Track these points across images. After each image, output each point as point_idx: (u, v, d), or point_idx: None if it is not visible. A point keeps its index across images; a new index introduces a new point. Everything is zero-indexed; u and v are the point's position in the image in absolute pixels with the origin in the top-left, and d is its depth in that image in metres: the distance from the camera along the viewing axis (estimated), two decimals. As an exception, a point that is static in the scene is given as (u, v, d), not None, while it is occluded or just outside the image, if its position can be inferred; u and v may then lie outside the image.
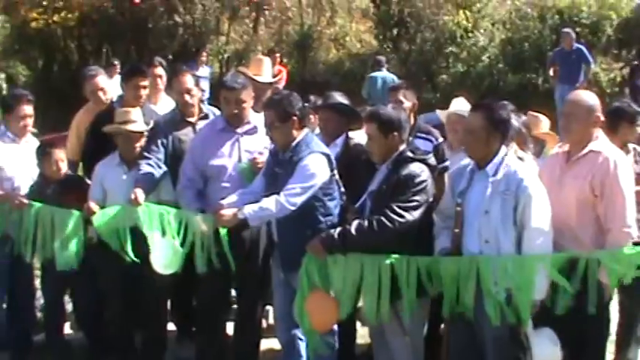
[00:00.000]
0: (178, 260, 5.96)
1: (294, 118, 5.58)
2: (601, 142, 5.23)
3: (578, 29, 18.36)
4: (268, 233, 6.08)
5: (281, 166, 5.61)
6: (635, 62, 16.40)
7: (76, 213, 6.24)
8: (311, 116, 6.72)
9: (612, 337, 6.22)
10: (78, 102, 7.55)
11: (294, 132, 5.60)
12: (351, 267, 5.23)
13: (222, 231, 5.70)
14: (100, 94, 7.24)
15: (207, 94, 15.47)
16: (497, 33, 20.36)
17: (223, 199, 5.74)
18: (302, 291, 5.38)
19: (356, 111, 6.32)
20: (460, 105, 6.70)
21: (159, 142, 6.38)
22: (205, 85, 15.87)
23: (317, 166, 5.48)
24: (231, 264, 5.85)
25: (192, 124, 6.55)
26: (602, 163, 5.08)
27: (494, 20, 20.85)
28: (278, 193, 5.43)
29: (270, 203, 5.42)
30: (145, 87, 6.98)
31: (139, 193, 6.02)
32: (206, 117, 6.60)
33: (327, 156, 5.58)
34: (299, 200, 5.41)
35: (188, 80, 6.58)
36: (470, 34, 20.23)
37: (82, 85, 7.46)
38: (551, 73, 16.49)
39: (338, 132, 6.30)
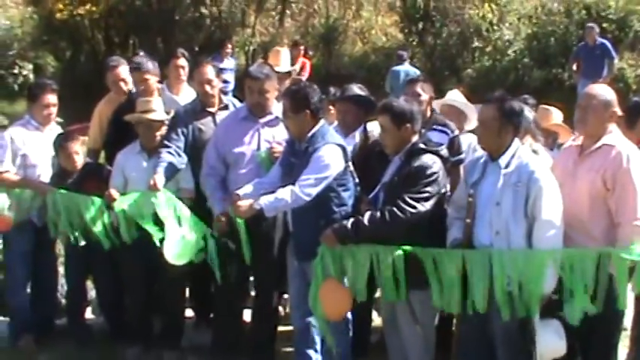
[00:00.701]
0: (190, 251, 6.11)
1: (307, 110, 5.65)
2: (615, 136, 5.23)
3: (605, 24, 18.23)
4: (284, 222, 6.17)
5: (297, 157, 5.69)
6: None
7: (97, 199, 6.36)
8: (330, 107, 6.79)
9: (627, 331, 6.27)
10: (104, 92, 7.65)
11: (309, 123, 5.67)
12: (365, 256, 5.29)
13: (240, 220, 5.79)
14: (122, 84, 7.34)
15: (232, 86, 15.54)
16: (523, 27, 20.21)
17: (240, 187, 5.81)
18: (316, 280, 5.45)
19: (373, 102, 6.38)
20: (453, 96, 6.85)
21: (179, 131, 6.48)
22: (230, 76, 15.93)
23: (332, 157, 5.55)
24: (247, 254, 5.96)
25: (213, 115, 6.65)
26: (615, 156, 5.09)
27: (520, 15, 20.71)
28: (293, 183, 5.49)
29: (285, 194, 5.48)
30: (147, 80, 7.12)
31: (159, 179, 6.14)
32: (226, 107, 6.69)
33: (342, 147, 5.65)
34: (314, 191, 5.47)
35: (209, 71, 6.67)
36: (495, 28, 20.15)
37: (105, 74, 7.58)
38: (574, 67, 16.44)
39: (356, 124, 6.38)
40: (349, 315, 5.79)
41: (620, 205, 5.06)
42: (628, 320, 6.02)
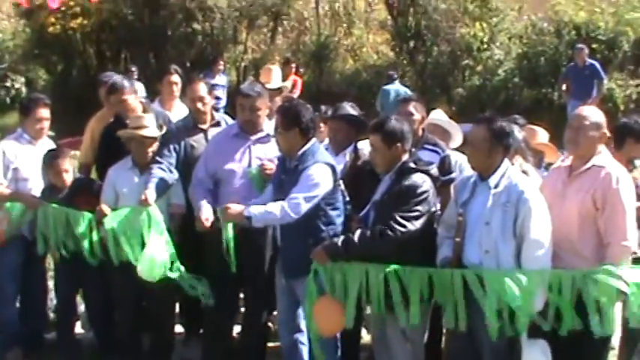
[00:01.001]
0: (161, 270, 6.12)
1: (297, 128, 5.69)
2: (604, 157, 5.30)
3: (594, 45, 18.39)
4: (274, 239, 6.21)
5: (287, 174, 5.74)
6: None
7: (87, 215, 6.38)
8: (321, 125, 6.84)
9: (615, 350, 6.31)
10: (96, 106, 7.67)
11: (299, 140, 5.71)
12: (356, 274, 5.32)
13: (229, 234, 5.84)
14: None
15: (223, 102, 15.59)
16: (514, 47, 20.35)
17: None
18: (310, 297, 5.48)
19: (365, 122, 6.42)
20: (437, 115, 6.93)
21: (171, 147, 6.51)
22: (222, 93, 15.97)
23: (321, 176, 5.59)
24: (232, 266, 5.99)
25: (204, 131, 6.68)
26: (604, 177, 5.15)
27: (510, 34, 20.84)
28: (284, 200, 5.54)
29: (275, 208, 5.53)
30: (125, 101, 6.98)
31: (150, 195, 6.16)
32: (218, 124, 6.73)
33: (332, 166, 5.69)
34: (302, 209, 5.51)
35: (201, 88, 6.71)
36: (486, 48, 20.27)
37: (98, 89, 7.60)
38: (563, 88, 16.58)
39: (347, 142, 6.42)
40: (338, 333, 5.81)
41: (609, 225, 5.11)
42: (616, 339, 6.07)
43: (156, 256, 6.10)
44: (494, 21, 20.80)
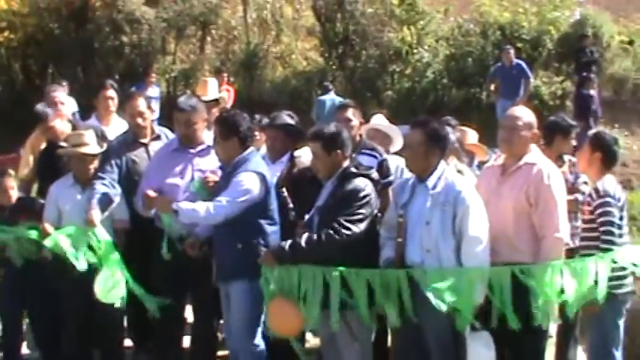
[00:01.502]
0: (118, 292, 6.16)
1: (235, 137, 5.83)
2: (535, 154, 5.54)
3: (519, 44, 18.76)
4: None
5: (224, 180, 5.89)
6: (584, 74, 16.83)
7: (32, 233, 6.35)
8: (256, 134, 6.95)
9: (553, 338, 6.54)
10: (22, 122, 7.61)
11: (237, 149, 5.86)
12: (305, 276, 5.44)
13: (166, 222, 5.98)
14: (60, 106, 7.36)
15: (157, 114, 15.55)
16: (441, 49, 20.53)
17: None
18: (265, 298, 5.62)
19: (302, 131, 6.57)
20: (378, 120, 7.11)
21: (113, 162, 6.53)
22: (156, 105, 15.92)
23: (249, 183, 5.74)
24: (165, 255, 6.07)
25: (145, 145, 6.74)
26: (536, 174, 5.39)
27: (437, 37, 21.04)
28: None
29: (201, 207, 5.70)
30: (52, 127, 7.03)
31: (95, 215, 6.18)
32: (158, 138, 6.78)
33: (262, 175, 5.81)
34: (225, 211, 5.68)
35: (140, 104, 6.78)
36: (414, 51, 20.48)
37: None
38: (491, 88, 16.92)
39: (284, 150, 6.56)
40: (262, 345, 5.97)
41: (543, 220, 5.35)
42: (554, 327, 6.30)
43: (111, 279, 6.12)
44: (421, 24, 20.99)
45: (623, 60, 20.19)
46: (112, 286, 6.13)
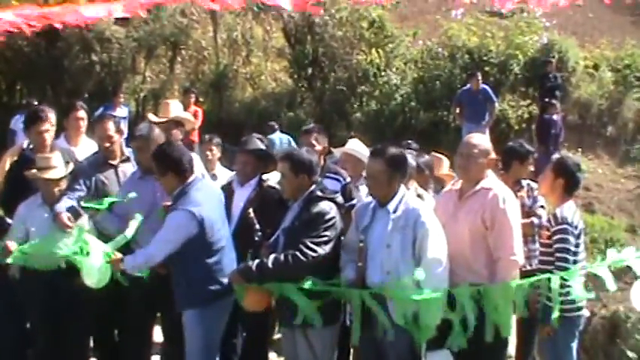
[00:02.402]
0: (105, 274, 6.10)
1: (171, 172, 5.91)
2: (491, 179, 5.73)
3: (487, 68, 18.97)
4: None
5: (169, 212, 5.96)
6: (547, 99, 17.07)
7: None
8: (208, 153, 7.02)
9: (512, 358, 6.68)
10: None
11: (176, 182, 5.94)
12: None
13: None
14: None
15: (124, 134, 15.54)
16: (410, 72, 20.63)
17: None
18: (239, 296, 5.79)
19: (272, 155, 6.71)
20: (353, 145, 7.23)
21: (81, 182, 6.60)
22: (124, 125, 15.92)
23: (178, 222, 5.80)
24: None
25: (115, 167, 6.83)
26: (491, 198, 5.57)
27: (406, 59, 21.18)
28: None
29: (139, 255, 5.85)
30: (47, 131, 7.03)
31: (65, 217, 6.23)
32: (128, 160, 6.88)
33: (191, 213, 5.79)
34: (160, 253, 5.80)
35: (110, 127, 6.88)
36: (383, 73, 20.62)
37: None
38: (457, 111, 17.08)
39: (253, 174, 6.69)
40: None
41: (498, 242, 5.53)
42: (512, 347, 6.44)
43: (96, 264, 6.07)
44: (390, 47, 21.14)
45: (589, 85, 20.50)
46: (98, 271, 6.07)
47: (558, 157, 6.75)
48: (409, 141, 7.69)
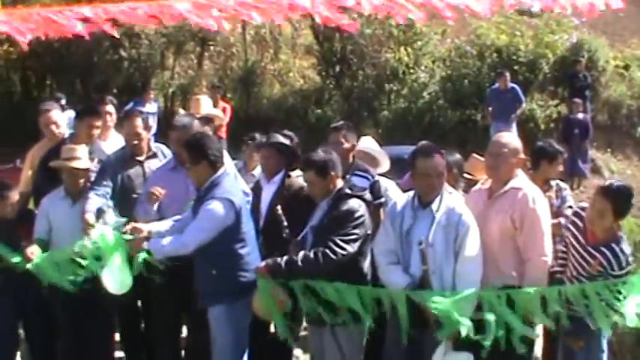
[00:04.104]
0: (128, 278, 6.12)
1: (204, 161, 5.89)
2: (521, 179, 5.68)
3: (515, 67, 18.89)
4: None
5: (197, 203, 5.95)
6: (575, 99, 16.96)
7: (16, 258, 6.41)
8: (254, 154, 7.05)
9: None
10: (21, 134, 7.69)
11: (208, 172, 5.91)
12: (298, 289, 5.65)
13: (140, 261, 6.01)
14: (53, 127, 7.44)
15: (154, 130, 15.61)
16: (438, 70, 20.65)
17: None
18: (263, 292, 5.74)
19: (295, 151, 6.70)
20: (366, 143, 7.21)
21: (108, 177, 6.64)
22: (153, 121, 15.99)
23: (216, 211, 5.76)
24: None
25: (141, 163, 6.86)
26: (521, 198, 5.53)
27: (434, 58, 21.16)
28: None
29: (169, 241, 5.78)
30: (97, 127, 7.17)
31: (90, 217, 6.28)
32: (155, 156, 6.90)
33: (229, 201, 5.81)
34: (193, 242, 5.74)
35: (138, 123, 6.90)
36: (411, 71, 20.59)
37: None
38: (489, 110, 16.98)
39: (277, 169, 6.68)
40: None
41: (528, 242, 5.49)
42: (539, 349, 6.40)
43: (116, 270, 6.07)
44: (419, 45, 21.11)
45: (619, 85, 20.36)
46: (119, 275, 6.09)
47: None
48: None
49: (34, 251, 6.36)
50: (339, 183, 5.78)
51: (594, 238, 5.59)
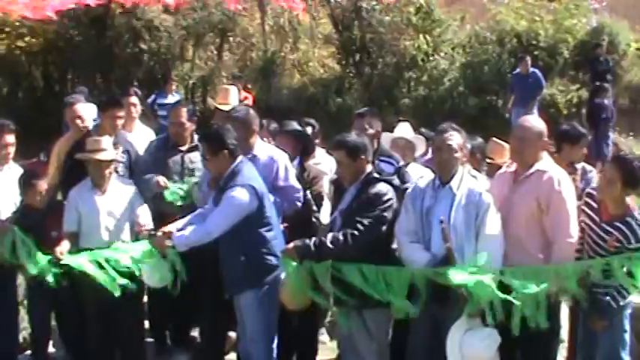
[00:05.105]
0: (165, 271, 6.29)
1: (225, 151, 5.98)
2: (546, 162, 5.70)
3: (535, 52, 18.87)
4: None
5: (218, 193, 6.03)
6: (597, 83, 16.87)
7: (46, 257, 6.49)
8: (265, 138, 7.15)
9: (565, 343, 6.66)
10: (43, 128, 7.76)
11: (227, 162, 6.00)
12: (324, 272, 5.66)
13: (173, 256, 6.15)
14: (78, 121, 7.53)
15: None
16: (458, 57, 20.65)
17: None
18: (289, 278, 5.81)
19: (310, 138, 6.80)
20: (403, 128, 7.23)
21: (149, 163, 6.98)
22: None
23: (239, 198, 5.86)
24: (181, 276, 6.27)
25: (182, 153, 7.01)
26: (547, 180, 5.55)
27: (454, 44, 21.15)
28: None
29: (193, 231, 5.87)
30: (120, 117, 7.28)
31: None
32: (196, 148, 6.97)
33: (252, 187, 5.92)
34: (218, 229, 5.84)
35: (183, 113, 7.07)
36: (430, 58, 20.59)
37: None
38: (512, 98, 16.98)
39: (293, 155, 6.82)
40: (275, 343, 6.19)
41: (554, 225, 5.51)
42: (565, 332, 6.42)
43: (156, 264, 6.27)
44: (438, 32, 21.08)
45: (640, 68, 20.25)
46: (158, 270, 6.28)
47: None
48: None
49: (63, 250, 6.45)
50: (369, 168, 5.84)
51: (608, 215, 5.63)
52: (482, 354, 5.40)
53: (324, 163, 7.35)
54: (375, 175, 5.81)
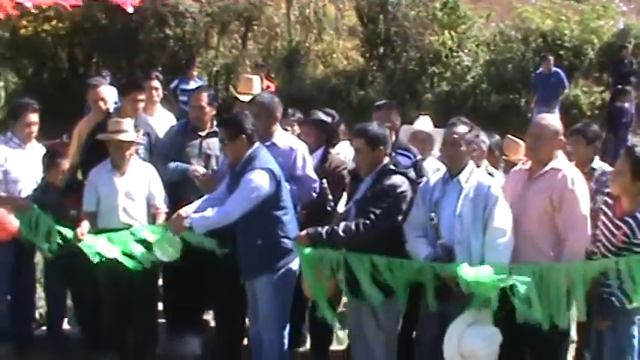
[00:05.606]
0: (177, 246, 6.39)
1: (243, 136, 6.04)
2: (560, 160, 5.72)
3: (560, 52, 18.85)
4: None
5: (235, 179, 6.08)
6: (620, 86, 16.80)
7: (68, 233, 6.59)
8: (288, 128, 7.19)
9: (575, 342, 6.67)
10: (67, 109, 7.81)
11: (245, 147, 6.06)
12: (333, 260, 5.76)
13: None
14: (101, 103, 7.62)
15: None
16: (482, 54, 20.64)
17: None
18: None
19: (333, 127, 6.84)
20: (423, 122, 7.25)
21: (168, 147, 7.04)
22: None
23: (258, 181, 5.93)
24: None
25: (201, 138, 7.05)
26: (560, 179, 5.57)
27: (478, 41, 21.13)
28: None
29: (211, 213, 5.90)
30: (141, 100, 7.34)
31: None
32: (215, 134, 7.00)
33: (270, 170, 5.99)
34: (236, 211, 5.90)
35: (204, 98, 7.10)
36: (454, 54, 20.58)
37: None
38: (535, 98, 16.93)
39: (317, 145, 6.89)
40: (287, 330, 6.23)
41: (566, 223, 5.54)
42: (574, 331, 6.44)
43: (166, 239, 6.39)
44: (463, 28, 21.07)
45: (665, 71, 20.07)
46: (169, 244, 6.40)
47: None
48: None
49: (83, 231, 6.54)
50: (386, 159, 5.88)
51: (621, 211, 5.62)
52: (480, 352, 5.44)
53: (343, 153, 7.38)
54: (391, 166, 5.85)
